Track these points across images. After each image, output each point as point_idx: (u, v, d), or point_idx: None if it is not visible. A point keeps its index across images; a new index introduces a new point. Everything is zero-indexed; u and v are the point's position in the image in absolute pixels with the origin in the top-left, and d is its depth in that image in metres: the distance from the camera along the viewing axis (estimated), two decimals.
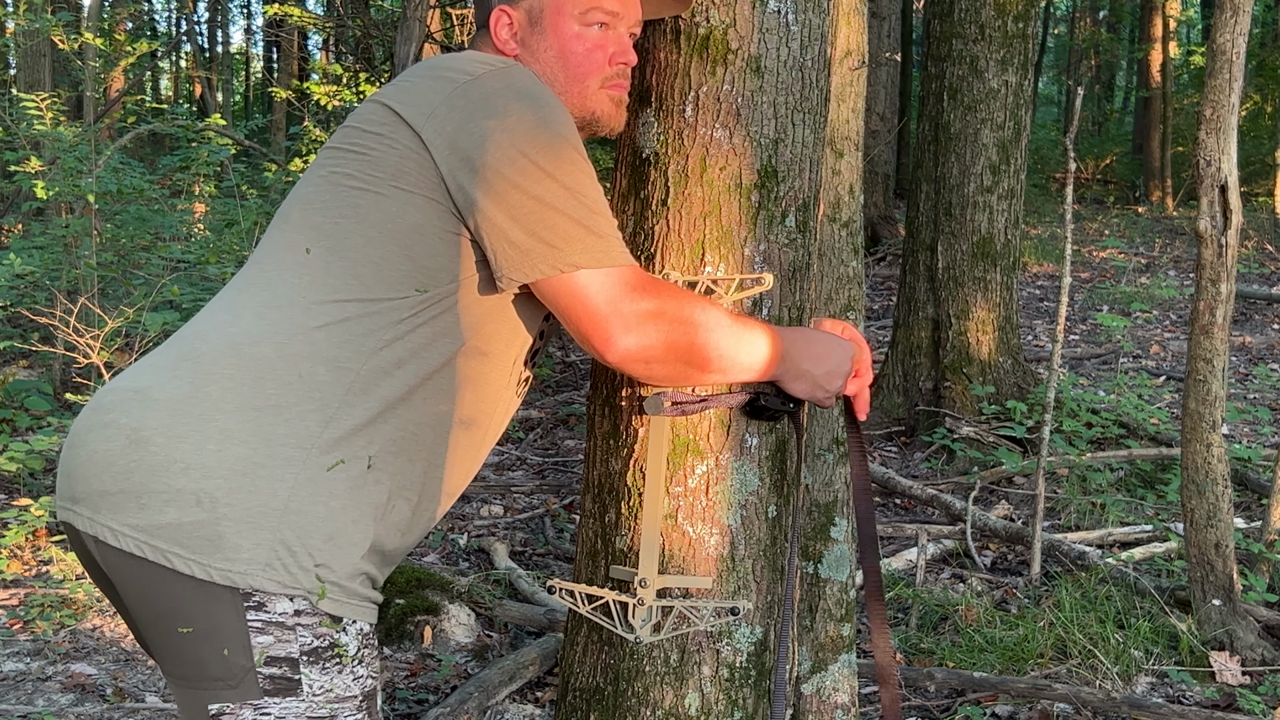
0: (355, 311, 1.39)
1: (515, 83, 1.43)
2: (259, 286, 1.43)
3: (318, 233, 1.42)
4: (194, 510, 1.31)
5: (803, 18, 1.69)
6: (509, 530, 4.61)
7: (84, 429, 1.39)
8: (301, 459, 1.34)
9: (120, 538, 1.32)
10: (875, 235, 11.76)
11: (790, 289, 1.73)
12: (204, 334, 1.41)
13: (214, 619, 1.31)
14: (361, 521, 1.39)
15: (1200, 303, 3.38)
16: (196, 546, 1.30)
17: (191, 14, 20.98)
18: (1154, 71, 17.25)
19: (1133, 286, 10.05)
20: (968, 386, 5.80)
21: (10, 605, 3.73)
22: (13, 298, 5.86)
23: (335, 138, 1.52)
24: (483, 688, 3.06)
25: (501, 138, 1.38)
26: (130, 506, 1.32)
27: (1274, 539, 3.73)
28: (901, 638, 3.57)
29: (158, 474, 1.32)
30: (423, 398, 1.43)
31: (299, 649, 1.33)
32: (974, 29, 5.74)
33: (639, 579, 1.67)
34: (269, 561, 1.32)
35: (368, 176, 1.42)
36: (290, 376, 1.36)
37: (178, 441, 1.32)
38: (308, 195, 1.48)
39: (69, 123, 6.32)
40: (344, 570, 1.37)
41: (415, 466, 1.44)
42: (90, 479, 1.34)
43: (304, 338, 1.37)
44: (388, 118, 1.43)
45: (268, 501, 1.32)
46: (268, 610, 1.32)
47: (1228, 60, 3.26)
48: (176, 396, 1.35)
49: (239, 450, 1.33)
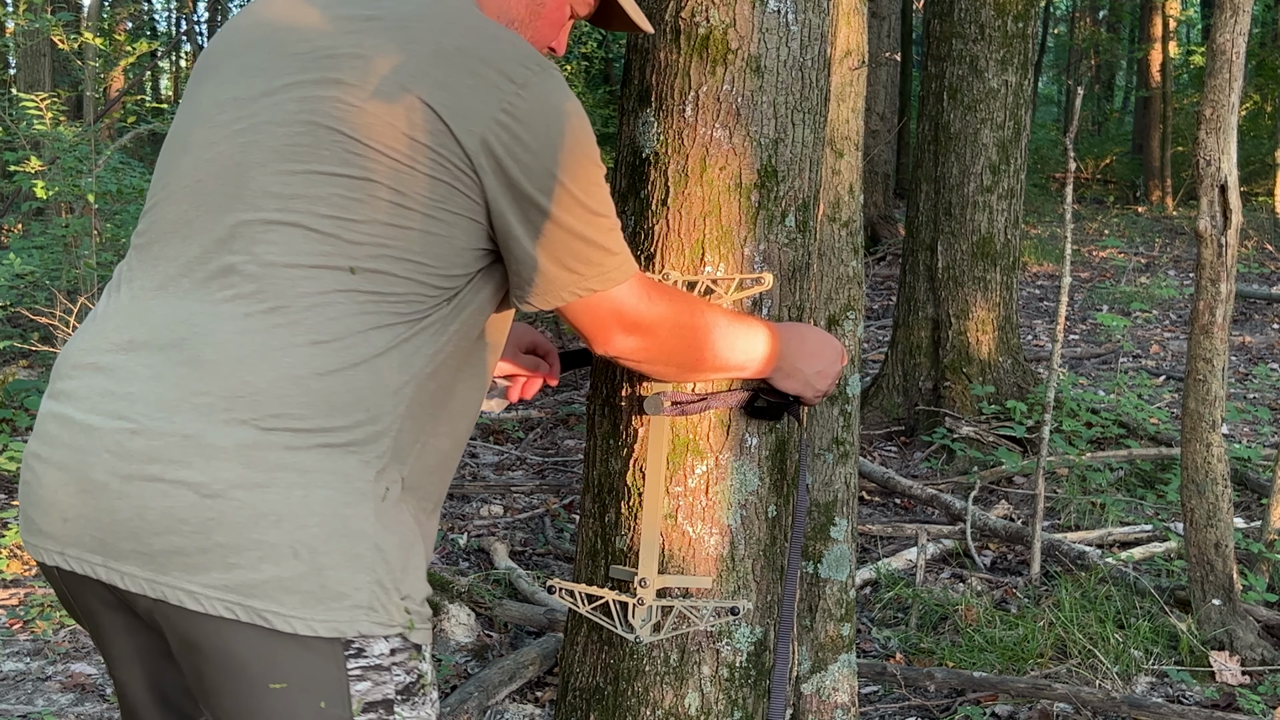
0: (405, 334, 1.32)
1: (561, 101, 1.36)
2: (274, 296, 1.27)
3: (355, 249, 1.29)
4: (291, 563, 1.22)
5: (803, 18, 1.69)
6: (509, 530, 4.61)
7: (107, 478, 1.24)
8: (372, 490, 1.29)
9: (204, 601, 1.21)
10: (875, 235, 11.76)
11: (790, 289, 1.73)
12: (245, 360, 1.25)
13: (311, 672, 1.24)
14: (418, 542, 1.36)
15: (1200, 302, 3.38)
16: (296, 602, 1.22)
17: (191, 14, 20.98)
18: (1154, 71, 17.25)
19: (1133, 286, 10.05)
20: (968, 386, 5.80)
21: (10, 605, 3.73)
22: (13, 298, 5.87)
23: (323, 70, 1.32)
24: (483, 687, 3.06)
25: (546, 166, 1.33)
26: (214, 566, 1.21)
27: (1274, 539, 3.73)
28: (901, 637, 3.57)
29: (246, 529, 1.21)
30: (448, 412, 1.40)
31: (394, 689, 1.29)
32: (974, 29, 5.74)
33: (639, 579, 1.67)
34: (371, 604, 1.26)
35: (419, 199, 1.30)
36: (359, 412, 1.28)
37: (261, 491, 1.22)
38: (313, 177, 1.29)
39: (69, 122, 6.32)
40: (419, 596, 1.33)
41: (435, 477, 1.42)
42: (148, 537, 1.22)
43: (368, 368, 1.29)
44: (431, 123, 1.29)
45: (359, 542, 1.26)
46: (366, 655, 1.27)
47: (1228, 60, 3.26)
48: (245, 442, 1.23)
49: (324, 493, 1.25)
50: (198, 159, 1.36)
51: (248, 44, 1.42)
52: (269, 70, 1.36)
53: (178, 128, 1.43)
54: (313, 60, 1.34)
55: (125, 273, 1.38)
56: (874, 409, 6.08)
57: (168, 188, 1.38)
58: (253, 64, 1.38)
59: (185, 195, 1.35)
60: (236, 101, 1.36)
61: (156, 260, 1.34)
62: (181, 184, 1.36)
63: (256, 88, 1.35)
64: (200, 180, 1.34)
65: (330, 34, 1.35)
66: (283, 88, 1.33)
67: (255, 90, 1.35)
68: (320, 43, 1.35)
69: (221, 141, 1.35)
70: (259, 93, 1.35)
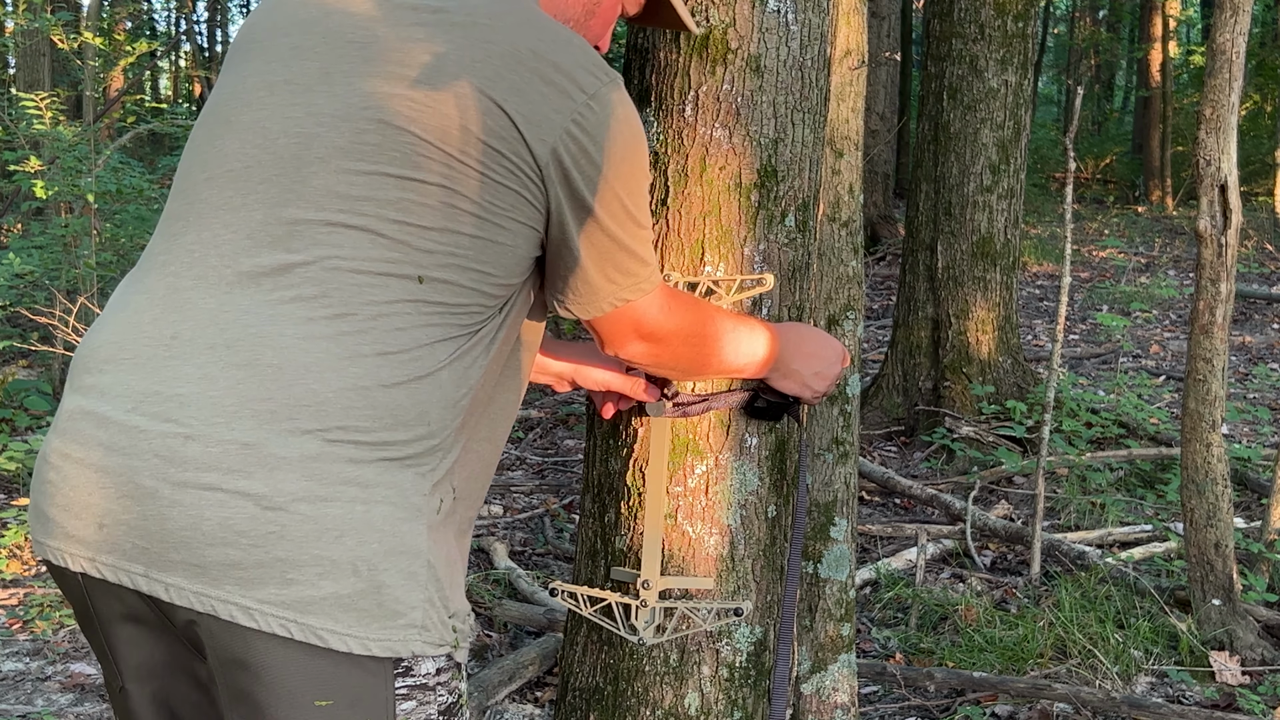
0: (464, 346, 1.29)
1: (624, 111, 1.34)
2: (340, 303, 1.22)
3: (424, 257, 1.25)
4: (351, 580, 1.18)
5: (802, 17, 1.69)
6: (508, 530, 4.61)
7: (156, 484, 1.18)
8: (426, 505, 1.26)
9: (259, 617, 1.17)
10: (875, 235, 11.76)
11: (790, 289, 1.73)
12: (310, 368, 1.20)
13: (359, 690, 1.21)
14: (460, 560, 1.34)
15: (1200, 302, 3.38)
16: (352, 620, 1.19)
17: (191, 14, 20.98)
18: (1154, 71, 17.25)
19: (1132, 286, 10.05)
20: (967, 386, 5.80)
21: (10, 605, 3.73)
22: (12, 297, 5.87)
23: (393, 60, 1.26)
24: (482, 687, 3.06)
25: (607, 177, 1.32)
26: (271, 581, 1.16)
27: (1274, 539, 3.73)
28: (901, 637, 3.57)
29: (308, 544, 1.17)
30: (489, 417, 1.39)
31: (436, 709, 1.26)
32: (974, 28, 5.74)
33: (641, 580, 1.67)
34: (424, 623, 1.23)
35: (489, 207, 1.27)
36: (420, 426, 1.25)
37: (325, 505, 1.18)
38: (381, 179, 1.24)
39: (68, 122, 6.31)
40: (463, 613, 1.31)
41: (476, 484, 1.41)
42: (202, 548, 1.17)
43: (431, 381, 1.26)
44: (506, 129, 1.26)
45: (415, 559, 1.23)
46: (414, 674, 1.24)
47: (1227, 60, 3.26)
48: (309, 454, 1.18)
49: (384, 508, 1.21)
50: (245, 142, 1.28)
51: (299, 23, 1.33)
52: (324, 55, 1.29)
53: (219, 103, 1.35)
54: (376, 51, 1.27)
55: (157, 257, 1.30)
56: (874, 409, 6.08)
57: (208, 168, 1.30)
58: (305, 45, 1.31)
59: (230, 180, 1.28)
60: (290, 86, 1.29)
61: (194, 247, 1.27)
62: (225, 166, 1.28)
63: (311, 72, 1.28)
64: (249, 167, 1.27)
65: (394, 24, 1.28)
66: (343, 77, 1.27)
67: (310, 75, 1.28)
68: (382, 32, 1.28)
69: (274, 127, 1.27)
70: (315, 79, 1.28)
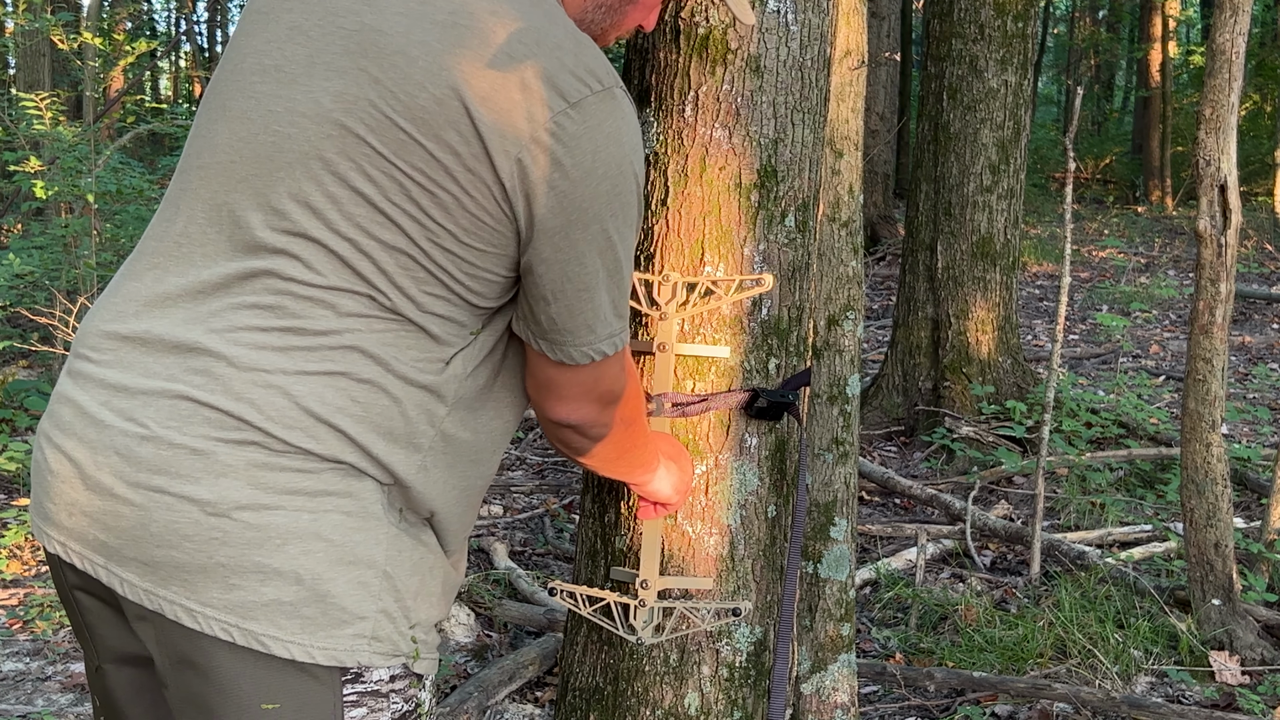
0: (429, 366, 1.25)
1: (617, 126, 1.22)
2: (290, 316, 1.20)
3: (378, 276, 1.20)
4: (294, 588, 1.17)
5: (802, 18, 1.69)
6: (508, 530, 4.61)
7: (113, 481, 1.19)
8: (385, 515, 1.24)
9: (201, 620, 1.17)
10: (875, 235, 11.76)
11: (790, 289, 1.73)
12: (256, 382, 1.19)
13: (306, 696, 1.20)
14: (435, 566, 1.31)
15: (1200, 302, 3.38)
16: (296, 627, 1.18)
17: (191, 14, 20.97)
18: (1153, 71, 17.25)
19: (1132, 286, 10.05)
20: (967, 386, 5.80)
21: (10, 605, 3.73)
22: (12, 298, 5.87)
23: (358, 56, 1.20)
24: (482, 687, 3.06)
25: (585, 200, 1.21)
26: (213, 585, 1.16)
27: (1274, 539, 3.73)
28: (901, 637, 3.57)
29: (249, 551, 1.16)
30: (473, 429, 1.33)
31: (390, 716, 1.25)
32: (973, 29, 5.74)
33: (640, 580, 1.67)
34: (375, 634, 1.22)
35: (447, 224, 1.20)
36: (379, 443, 1.22)
37: (268, 513, 1.17)
38: (339, 191, 1.20)
39: (68, 122, 6.31)
40: (430, 622, 1.29)
41: (460, 507, 1.36)
42: (150, 548, 1.18)
43: (387, 399, 1.23)
44: (468, 141, 1.18)
45: (367, 569, 1.21)
46: (364, 680, 1.23)
47: (1227, 60, 3.26)
48: (255, 463, 1.18)
49: (334, 517, 1.20)
50: (233, 134, 1.25)
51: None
52: (315, 40, 1.23)
53: (220, 82, 1.31)
54: (356, 44, 1.21)
55: (151, 242, 1.29)
56: (874, 409, 6.08)
57: (201, 155, 1.28)
58: (302, 26, 1.24)
59: (218, 172, 1.25)
60: (278, 74, 1.24)
61: (180, 239, 1.26)
62: (214, 157, 1.26)
63: (299, 60, 1.23)
64: (234, 161, 1.24)
65: (380, 11, 1.21)
66: (323, 70, 1.21)
67: (298, 63, 1.23)
68: (369, 21, 1.21)
69: (256, 122, 1.24)
70: (300, 68, 1.23)
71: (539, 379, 1.33)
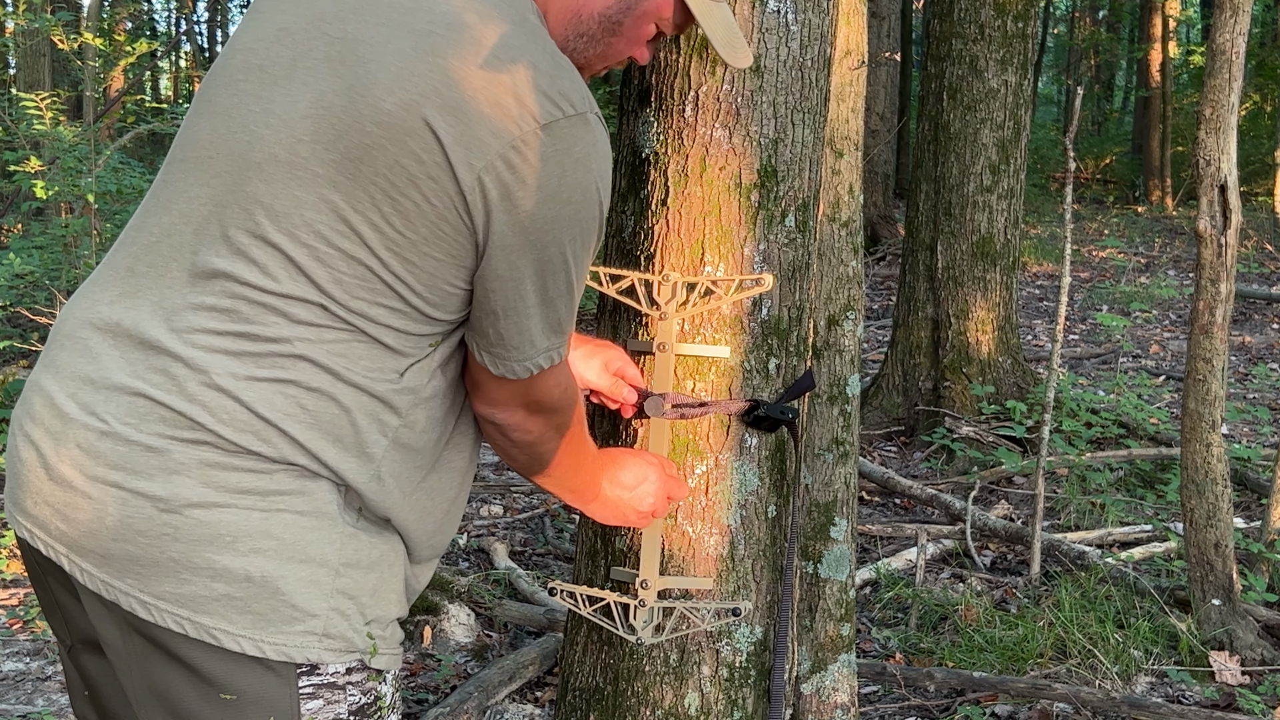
0: (384, 375, 1.25)
1: (586, 153, 1.22)
2: (244, 321, 1.21)
3: (333, 285, 1.21)
4: (244, 584, 1.20)
5: (802, 18, 1.69)
6: (508, 530, 4.61)
7: (73, 473, 1.22)
8: (340, 514, 1.26)
9: (155, 612, 1.20)
10: (875, 235, 11.76)
11: (790, 289, 1.73)
12: (209, 384, 1.21)
13: (261, 688, 1.22)
14: (396, 564, 1.32)
15: (1200, 302, 3.38)
16: (247, 622, 1.20)
17: (191, 14, 20.98)
18: (1154, 71, 17.25)
19: (1132, 286, 10.05)
20: (967, 386, 5.80)
21: (10, 605, 3.73)
22: (12, 298, 5.87)
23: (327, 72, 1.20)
24: (482, 687, 3.06)
25: (547, 221, 1.21)
26: (166, 579, 1.19)
27: (1274, 539, 3.73)
28: (901, 637, 3.57)
29: (199, 548, 1.19)
30: (431, 439, 1.33)
31: (346, 709, 1.27)
32: (974, 29, 5.74)
33: (640, 580, 1.67)
34: (326, 631, 1.23)
35: (405, 235, 1.21)
36: (329, 448, 1.24)
37: (218, 511, 1.19)
38: (302, 196, 1.20)
39: (69, 122, 6.31)
40: (388, 618, 1.31)
41: (429, 517, 1.37)
42: (106, 541, 1.20)
43: (337, 407, 1.24)
44: (431, 153, 1.18)
45: (319, 567, 1.23)
46: (320, 673, 1.24)
47: (1227, 60, 3.26)
48: (208, 462, 1.20)
49: (285, 516, 1.22)
50: (213, 130, 1.26)
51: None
52: (300, 44, 1.24)
53: (211, 77, 1.32)
54: (338, 51, 1.21)
55: (131, 232, 1.31)
56: (874, 409, 6.08)
57: (184, 148, 1.29)
58: (290, 28, 1.26)
59: (195, 167, 1.26)
60: (261, 74, 1.25)
61: (155, 231, 1.27)
62: (195, 152, 1.27)
63: (282, 62, 1.24)
64: (211, 158, 1.25)
65: (363, 20, 1.22)
66: (304, 74, 1.22)
67: (280, 65, 1.24)
68: (352, 30, 1.22)
69: (235, 120, 1.25)
70: (282, 70, 1.23)
71: (474, 378, 1.34)
